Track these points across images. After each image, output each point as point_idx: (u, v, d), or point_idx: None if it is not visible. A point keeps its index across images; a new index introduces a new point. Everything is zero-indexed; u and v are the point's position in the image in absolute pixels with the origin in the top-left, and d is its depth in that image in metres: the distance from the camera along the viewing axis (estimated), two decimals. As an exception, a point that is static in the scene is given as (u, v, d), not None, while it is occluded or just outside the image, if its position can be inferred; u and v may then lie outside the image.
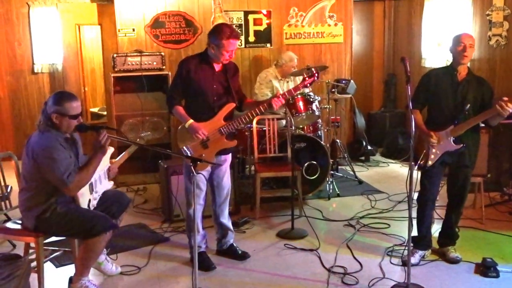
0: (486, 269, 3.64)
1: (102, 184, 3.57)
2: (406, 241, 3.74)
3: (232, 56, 3.68)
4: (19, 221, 3.43)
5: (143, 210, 5.16)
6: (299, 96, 5.36)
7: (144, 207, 5.26)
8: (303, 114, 5.35)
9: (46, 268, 3.62)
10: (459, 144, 3.67)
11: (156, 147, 4.05)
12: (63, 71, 7.50)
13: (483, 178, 4.62)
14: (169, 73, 6.01)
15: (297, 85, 3.82)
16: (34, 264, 3.33)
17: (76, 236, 3.43)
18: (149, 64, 6.07)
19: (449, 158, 3.74)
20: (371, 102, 8.38)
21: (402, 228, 4.49)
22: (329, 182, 5.52)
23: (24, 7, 7.22)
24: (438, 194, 4.08)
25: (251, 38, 6.81)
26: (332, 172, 5.83)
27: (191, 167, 3.02)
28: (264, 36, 6.84)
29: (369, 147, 7.14)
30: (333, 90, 6.11)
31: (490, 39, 6.00)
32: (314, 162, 5.30)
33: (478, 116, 3.63)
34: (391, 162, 7.01)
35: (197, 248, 3.36)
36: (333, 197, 5.47)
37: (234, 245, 4.07)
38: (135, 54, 6.06)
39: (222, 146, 3.73)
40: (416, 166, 3.70)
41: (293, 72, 5.77)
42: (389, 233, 4.44)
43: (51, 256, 3.74)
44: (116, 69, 5.98)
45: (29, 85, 7.41)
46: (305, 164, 5.27)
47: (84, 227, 3.21)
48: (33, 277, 3.25)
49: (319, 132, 5.77)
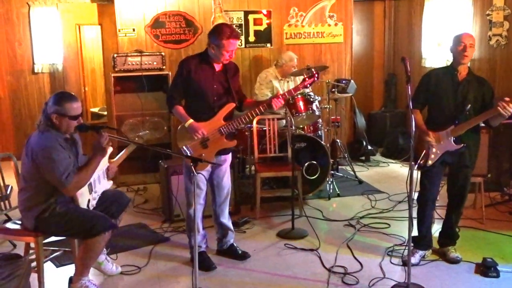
0: (487, 269, 3.64)
1: (101, 184, 3.58)
2: (407, 241, 3.74)
3: (233, 56, 3.68)
4: (19, 222, 3.43)
5: (143, 210, 5.16)
6: (299, 96, 5.36)
7: (144, 207, 5.26)
8: (303, 114, 5.35)
9: (47, 268, 3.63)
10: (460, 144, 3.67)
11: (156, 147, 4.06)
12: (64, 71, 7.50)
13: (484, 178, 4.62)
14: (169, 73, 6.01)
15: (297, 86, 3.82)
16: (35, 264, 3.33)
17: (76, 236, 3.43)
18: (149, 64, 6.07)
19: (450, 158, 3.74)
20: (372, 102, 8.37)
21: (403, 228, 4.49)
22: (329, 182, 5.52)
23: (25, 7, 7.22)
24: (438, 194, 4.08)
25: (251, 38, 6.80)
26: (332, 172, 5.83)
27: (191, 167, 3.02)
28: (264, 36, 6.84)
29: (369, 147, 7.14)
30: (333, 90, 6.11)
31: (491, 39, 6.00)
32: (314, 162, 5.30)
33: (479, 116, 3.63)
34: (391, 162, 7.01)
35: (198, 248, 3.35)
36: (333, 197, 5.47)
37: (234, 245, 4.07)
38: (135, 54, 6.06)
39: (222, 146, 3.73)
40: (416, 166, 3.70)
41: (293, 72, 5.77)
42: (390, 233, 4.44)
43: (51, 256, 3.73)
44: (117, 69, 5.98)
45: (30, 85, 7.41)
46: (305, 164, 5.28)
47: (83, 227, 3.22)
48: (34, 277, 3.25)
49: (319, 132, 5.77)
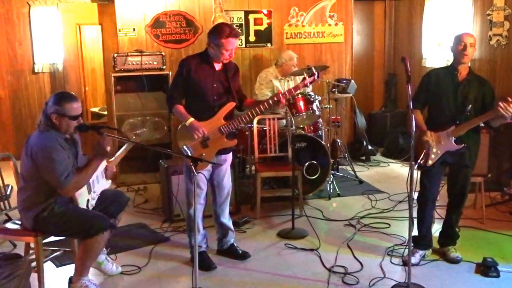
0: (487, 269, 3.64)
1: (100, 184, 3.57)
2: (407, 241, 3.75)
3: (232, 55, 3.68)
4: (19, 222, 3.42)
5: (144, 210, 5.16)
6: (300, 96, 5.36)
7: (145, 207, 5.25)
8: (304, 114, 5.34)
9: (47, 268, 3.63)
10: (460, 145, 3.66)
11: (157, 147, 4.06)
12: (64, 71, 7.50)
13: (484, 178, 4.61)
14: (170, 73, 6.01)
15: (297, 85, 3.82)
16: (35, 264, 3.33)
17: (74, 236, 3.43)
18: (150, 64, 6.06)
19: (450, 158, 3.74)
20: (372, 102, 8.37)
21: (403, 228, 4.48)
22: (330, 182, 5.52)
23: (25, 7, 7.21)
24: (439, 194, 4.08)
25: (252, 38, 6.80)
26: (333, 172, 5.83)
27: (191, 167, 3.02)
28: (265, 36, 6.84)
29: (370, 147, 7.14)
30: (334, 90, 6.11)
31: (491, 39, 6.00)
32: (315, 162, 5.30)
33: (480, 117, 3.63)
34: (392, 162, 7.01)
35: (198, 248, 3.35)
36: (334, 197, 5.47)
37: (235, 245, 4.07)
38: (136, 54, 6.06)
39: (222, 146, 3.73)
40: (416, 166, 3.69)
41: (294, 72, 5.76)
42: (390, 233, 4.44)
43: (51, 256, 3.73)
44: (117, 69, 5.98)
45: (30, 85, 7.40)
46: (306, 164, 5.27)
47: (82, 227, 3.21)
48: (34, 277, 3.25)
49: (320, 132, 5.77)
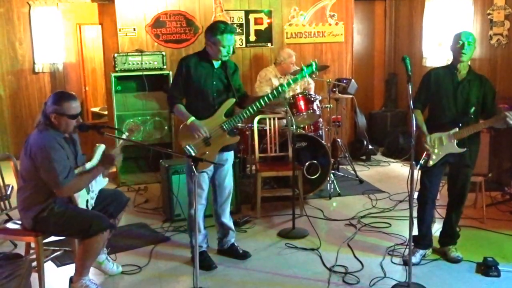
0: (487, 269, 3.64)
1: (98, 183, 3.56)
2: (407, 241, 3.74)
3: (231, 52, 3.68)
4: (19, 221, 3.42)
5: (144, 210, 5.16)
6: (300, 96, 5.36)
7: (145, 207, 5.25)
8: (304, 114, 5.34)
9: (47, 268, 3.63)
10: (463, 148, 3.66)
11: (157, 146, 4.06)
12: (64, 71, 7.51)
13: (484, 178, 4.61)
14: (170, 73, 6.01)
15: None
16: (35, 264, 3.33)
17: (74, 236, 3.42)
18: (150, 64, 6.07)
19: (451, 158, 3.73)
20: (372, 102, 8.37)
21: (403, 228, 4.48)
22: (330, 182, 5.52)
23: (25, 7, 7.21)
24: (439, 193, 4.08)
25: (252, 38, 6.80)
26: (333, 172, 5.82)
27: (192, 167, 3.02)
28: (265, 36, 6.84)
29: (370, 147, 7.13)
30: (334, 90, 6.10)
31: (491, 38, 5.99)
32: (315, 162, 5.30)
33: (485, 122, 3.64)
34: (392, 162, 7.01)
35: (198, 248, 3.35)
36: (334, 197, 5.46)
37: (235, 245, 4.07)
38: (136, 54, 6.06)
39: (225, 143, 3.73)
40: (418, 166, 3.69)
41: (293, 72, 5.76)
42: (390, 233, 4.44)
43: (52, 256, 3.73)
44: (117, 69, 5.98)
45: (30, 85, 7.40)
46: (306, 164, 5.27)
47: (81, 227, 3.20)
48: (34, 277, 3.25)
49: (320, 132, 5.77)
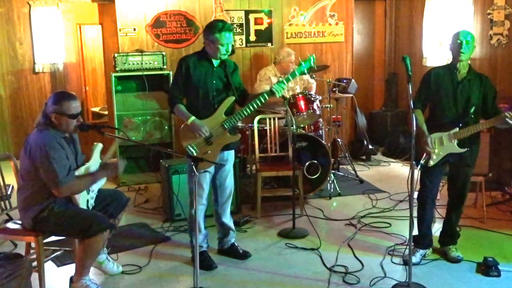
0: (488, 268, 3.63)
1: (96, 182, 3.55)
2: (407, 240, 3.74)
3: (229, 50, 3.68)
4: (20, 221, 3.42)
5: (144, 210, 5.16)
6: (300, 96, 5.36)
7: (145, 207, 5.25)
8: (304, 114, 5.35)
9: (48, 268, 3.63)
10: (464, 148, 3.66)
11: (157, 146, 4.05)
12: (64, 71, 7.51)
13: (485, 177, 4.60)
14: (170, 73, 6.01)
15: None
16: (36, 264, 3.33)
17: (74, 236, 3.42)
18: (150, 64, 6.07)
19: (451, 157, 3.73)
20: (372, 101, 8.36)
21: (403, 227, 4.48)
22: (330, 181, 5.52)
23: (25, 7, 7.21)
24: (439, 193, 4.08)
25: (252, 38, 6.80)
26: (333, 172, 5.83)
27: (193, 167, 3.02)
28: (265, 36, 6.84)
29: (370, 146, 7.13)
30: (334, 89, 6.11)
31: (491, 38, 5.99)
32: (315, 162, 5.30)
33: (486, 122, 3.64)
34: (392, 162, 7.01)
35: (199, 248, 3.35)
36: (334, 196, 5.46)
37: (235, 245, 4.07)
38: (136, 54, 6.06)
39: (226, 141, 3.73)
40: (419, 166, 3.69)
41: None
42: (390, 232, 4.44)
43: (52, 256, 3.74)
44: (117, 69, 5.98)
45: (30, 85, 7.40)
46: (306, 164, 5.27)
47: (81, 227, 3.20)
48: (35, 277, 3.25)
49: (320, 131, 5.77)
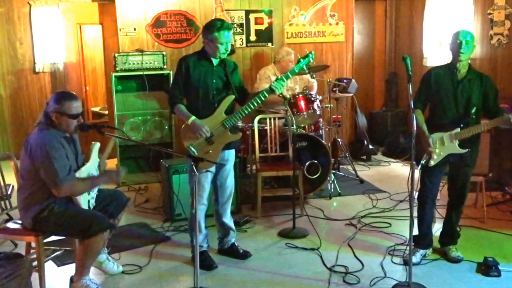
0: (488, 269, 3.63)
1: (96, 187, 3.55)
2: (408, 240, 3.74)
3: (229, 49, 3.68)
4: (20, 221, 3.42)
5: (145, 209, 5.16)
6: (301, 95, 5.36)
7: (146, 206, 5.25)
8: (305, 113, 5.34)
9: (48, 267, 3.63)
10: (465, 148, 3.65)
11: (157, 146, 4.06)
12: (65, 71, 7.51)
13: (485, 177, 4.60)
14: (170, 72, 6.02)
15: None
16: (36, 263, 3.33)
17: (74, 236, 3.42)
18: (150, 64, 6.07)
19: (451, 157, 3.73)
20: (373, 101, 8.36)
21: (404, 227, 4.48)
22: (331, 181, 5.52)
23: (26, 7, 7.21)
24: (439, 193, 4.08)
25: (252, 37, 6.81)
26: (334, 171, 5.83)
27: (193, 166, 3.02)
28: (265, 35, 6.84)
29: (371, 146, 7.13)
30: (335, 89, 6.11)
31: (492, 38, 5.99)
32: (316, 161, 5.29)
33: (488, 123, 3.63)
34: (393, 161, 7.01)
35: (199, 247, 3.35)
36: (335, 196, 5.46)
37: (236, 244, 4.07)
38: (136, 54, 6.06)
39: (227, 140, 3.73)
40: (419, 167, 3.69)
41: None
42: (391, 232, 4.44)
43: (53, 255, 3.74)
44: (117, 68, 5.98)
45: (31, 85, 7.40)
46: (307, 163, 5.27)
47: (81, 227, 3.20)
48: (35, 276, 3.25)
49: (321, 131, 5.77)
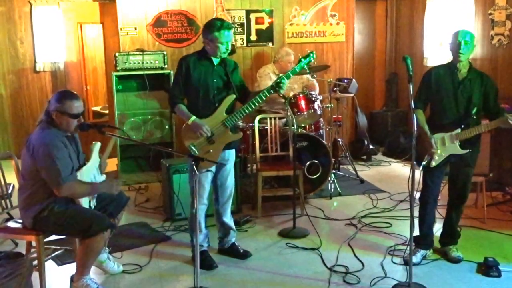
0: (488, 269, 3.63)
1: (97, 181, 3.54)
2: (408, 240, 3.74)
3: (229, 48, 3.68)
4: (20, 220, 3.42)
5: (145, 209, 5.16)
6: (301, 95, 5.36)
7: (146, 206, 5.25)
8: (305, 113, 5.34)
9: (48, 267, 3.64)
10: (466, 149, 3.65)
11: (157, 146, 4.06)
12: (65, 70, 7.51)
13: (485, 178, 4.60)
14: (171, 72, 6.02)
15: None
16: (36, 263, 3.33)
17: (74, 236, 3.42)
18: (151, 63, 6.07)
19: (452, 157, 3.73)
20: (373, 101, 8.36)
21: (404, 227, 4.48)
22: (331, 181, 5.52)
23: (26, 6, 7.22)
24: (440, 193, 4.08)
25: (253, 37, 6.81)
26: (334, 171, 5.83)
27: (193, 166, 3.03)
28: (266, 35, 6.84)
29: (371, 146, 7.13)
30: (335, 89, 6.11)
31: (493, 39, 5.99)
32: (316, 161, 5.29)
33: (489, 124, 3.63)
34: (393, 161, 7.01)
35: (199, 247, 3.35)
36: (335, 196, 5.46)
37: (236, 244, 4.07)
38: (137, 53, 6.06)
39: (228, 139, 3.73)
40: (421, 167, 3.68)
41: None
42: (391, 232, 4.44)
43: (53, 255, 3.74)
44: (118, 68, 5.98)
45: (31, 84, 7.41)
46: (307, 163, 5.27)
47: (82, 227, 3.20)
48: (35, 276, 3.25)
49: (321, 131, 5.77)
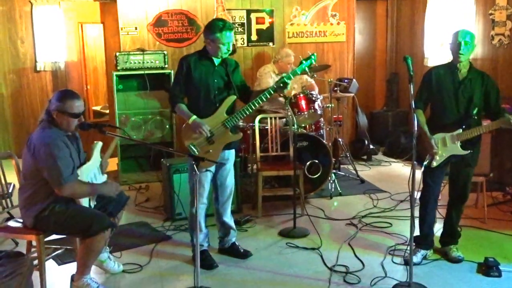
0: (488, 269, 3.63)
1: (98, 180, 3.54)
2: (408, 240, 3.74)
3: (230, 49, 3.68)
4: (21, 220, 3.42)
5: (145, 209, 5.16)
6: (302, 95, 5.36)
7: (146, 206, 5.25)
8: (305, 113, 5.34)
9: (49, 266, 3.64)
10: (467, 150, 3.65)
11: (158, 145, 4.06)
12: (66, 69, 7.51)
13: (486, 178, 4.60)
14: (172, 72, 6.02)
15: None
16: (37, 262, 3.33)
17: (75, 235, 3.43)
18: (152, 63, 6.07)
19: (453, 157, 3.72)
20: (374, 101, 8.36)
21: (404, 227, 4.48)
22: (331, 181, 5.52)
23: (27, 5, 7.22)
24: (440, 193, 4.08)
25: (254, 37, 6.81)
26: (334, 171, 5.83)
27: (193, 166, 3.03)
28: (267, 35, 6.84)
29: (371, 146, 7.13)
30: (336, 89, 6.11)
31: (493, 39, 5.98)
32: (316, 161, 5.29)
33: (490, 125, 3.63)
34: (393, 161, 7.01)
35: (199, 247, 3.36)
36: (335, 196, 5.46)
37: (236, 244, 4.07)
38: (138, 53, 6.07)
39: (228, 140, 3.73)
40: (423, 168, 3.68)
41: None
42: (391, 232, 4.44)
43: (53, 254, 3.74)
44: (119, 68, 5.98)
45: (32, 83, 7.41)
46: (307, 163, 5.27)
47: (82, 227, 3.20)
48: (36, 275, 3.25)
49: (321, 131, 5.77)
